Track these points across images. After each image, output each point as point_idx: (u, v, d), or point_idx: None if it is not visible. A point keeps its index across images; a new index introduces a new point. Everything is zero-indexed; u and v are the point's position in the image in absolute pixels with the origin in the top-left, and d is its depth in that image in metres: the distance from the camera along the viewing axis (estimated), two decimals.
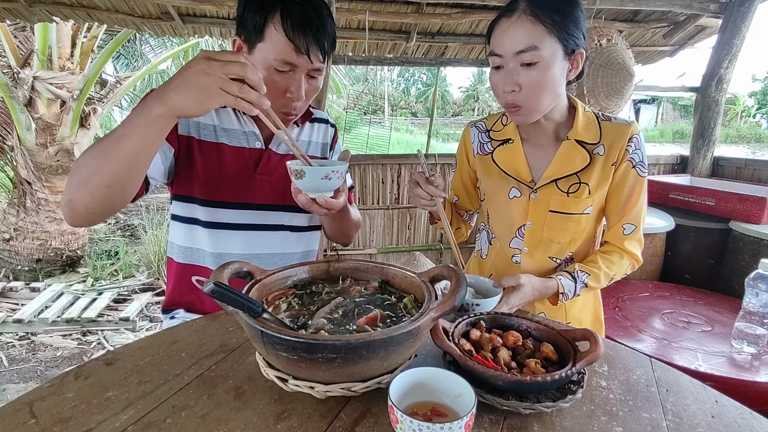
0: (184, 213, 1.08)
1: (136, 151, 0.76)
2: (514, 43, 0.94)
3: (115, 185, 0.79)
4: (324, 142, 1.23)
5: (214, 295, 0.61)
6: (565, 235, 1.11)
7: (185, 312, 1.12)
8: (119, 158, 0.76)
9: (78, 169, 0.80)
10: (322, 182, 0.92)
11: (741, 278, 1.69)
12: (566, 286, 1.04)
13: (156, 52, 7.37)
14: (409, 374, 0.62)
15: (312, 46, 0.94)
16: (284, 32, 0.91)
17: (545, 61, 0.93)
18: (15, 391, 2.25)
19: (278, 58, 0.93)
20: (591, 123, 1.09)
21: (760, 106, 30.84)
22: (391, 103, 39.61)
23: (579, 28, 0.96)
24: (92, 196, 0.79)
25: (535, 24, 0.92)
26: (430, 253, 3.37)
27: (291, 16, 0.91)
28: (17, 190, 3.82)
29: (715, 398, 0.73)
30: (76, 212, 0.82)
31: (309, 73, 0.98)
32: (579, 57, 0.98)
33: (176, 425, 0.60)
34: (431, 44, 3.28)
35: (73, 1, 2.55)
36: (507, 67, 0.97)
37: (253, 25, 0.93)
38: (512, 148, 1.14)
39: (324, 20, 0.95)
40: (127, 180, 0.80)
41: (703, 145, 3.18)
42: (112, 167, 0.77)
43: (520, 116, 1.02)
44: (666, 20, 3.14)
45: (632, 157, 1.06)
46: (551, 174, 1.08)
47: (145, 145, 0.77)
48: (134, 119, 0.75)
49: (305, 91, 0.99)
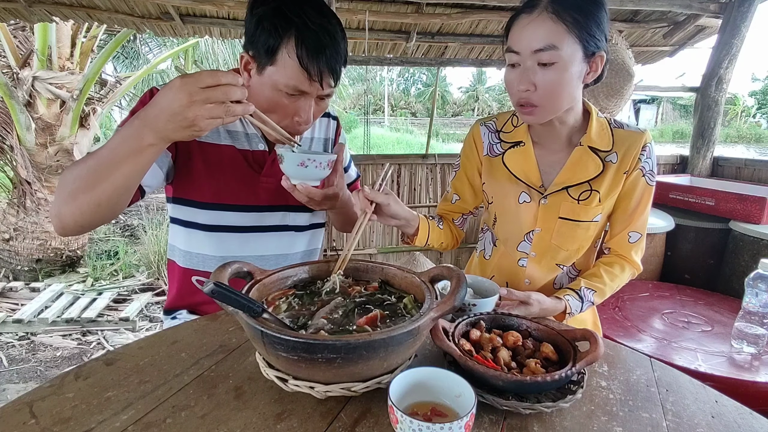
0: (184, 216, 1.07)
1: (127, 176, 0.77)
2: (532, 41, 0.91)
3: (106, 203, 0.79)
4: (327, 137, 1.22)
5: (214, 295, 0.61)
6: (574, 242, 1.10)
7: (187, 313, 1.12)
8: (109, 181, 0.76)
9: (66, 184, 0.80)
10: (299, 169, 0.92)
11: (741, 278, 1.69)
12: (573, 307, 1.03)
13: (155, 52, 7.36)
14: (409, 374, 0.62)
15: (325, 73, 0.90)
16: (298, 60, 0.87)
17: (563, 62, 0.90)
18: (15, 391, 2.25)
19: (289, 84, 0.89)
20: (604, 129, 1.07)
21: (760, 106, 30.85)
22: (391, 103, 39.62)
23: (601, 30, 0.93)
24: (81, 212, 0.80)
25: (556, 22, 0.89)
26: (430, 253, 3.37)
27: (306, 44, 0.87)
28: (17, 190, 3.82)
29: (715, 398, 0.73)
30: (65, 224, 0.83)
31: (319, 96, 0.96)
32: (599, 60, 0.95)
33: (176, 425, 0.60)
34: (431, 44, 3.28)
35: (73, 1, 2.55)
36: (523, 65, 0.94)
37: (265, 48, 0.88)
38: (523, 151, 1.11)
39: (338, 45, 0.91)
40: (117, 198, 0.80)
41: (702, 145, 3.18)
42: (102, 188, 0.77)
43: (532, 116, 0.99)
44: (666, 20, 3.15)
45: (643, 166, 1.05)
46: (563, 181, 1.06)
47: (137, 170, 0.77)
48: (124, 146, 0.74)
49: (313, 114, 0.97)
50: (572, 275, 1.15)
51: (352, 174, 1.31)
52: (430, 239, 1.15)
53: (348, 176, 1.29)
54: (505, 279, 1.18)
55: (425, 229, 1.13)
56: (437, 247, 1.20)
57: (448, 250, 1.27)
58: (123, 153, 0.74)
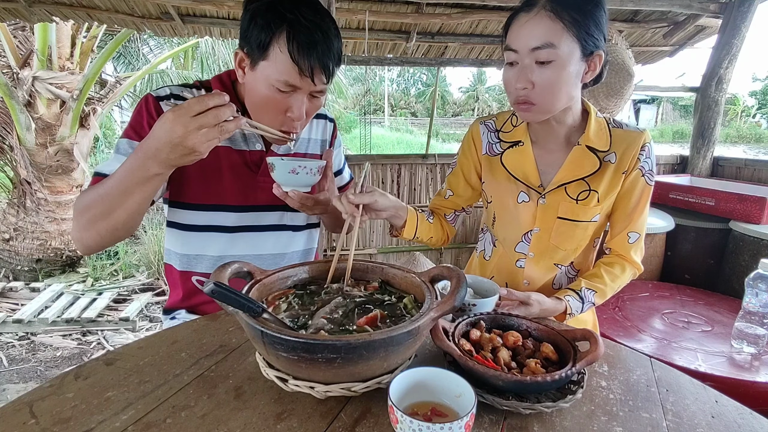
0: (181, 219, 1.06)
1: (139, 203, 0.85)
2: (530, 39, 0.91)
3: (122, 227, 0.88)
4: (323, 139, 1.23)
5: (214, 295, 0.61)
6: (572, 242, 1.10)
7: (186, 313, 1.12)
8: (123, 207, 0.84)
9: (82, 212, 0.87)
10: (290, 176, 0.94)
11: (741, 278, 1.69)
12: (574, 308, 1.03)
13: (155, 52, 7.36)
14: (409, 374, 0.62)
15: (317, 69, 0.91)
16: (289, 55, 0.88)
17: (561, 60, 0.91)
18: (15, 391, 2.25)
19: (281, 79, 0.90)
20: (602, 129, 1.07)
21: (760, 106, 30.85)
22: (391, 103, 39.64)
23: (600, 29, 0.93)
24: (101, 236, 0.88)
25: (554, 21, 0.89)
26: (430, 253, 3.37)
27: (297, 40, 0.88)
28: (17, 190, 3.82)
29: (715, 398, 0.73)
30: (87, 247, 0.91)
31: (312, 93, 0.96)
32: (597, 59, 0.96)
33: (176, 425, 0.60)
34: (431, 44, 3.28)
35: (73, 1, 2.55)
36: (521, 63, 0.94)
37: (257, 43, 0.89)
38: (522, 151, 1.11)
39: (331, 42, 0.92)
40: (132, 221, 0.88)
41: (703, 145, 3.18)
42: (116, 215, 0.85)
43: (529, 114, 0.99)
44: (666, 20, 3.15)
45: (642, 166, 1.05)
46: (560, 179, 1.07)
47: (147, 197, 0.85)
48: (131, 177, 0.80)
49: (306, 110, 0.97)
50: (571, 275, 1.15)
51: (345, 176, 1.33)
52: (419, 231, 1.14)
53: (341, 179, 1.31)
54: (505, 280, 1.18)
55: (413, 221, 1.12)
56: (426, 240, 1.19)
57: (438, 246, 1.27)
58: (132, 183, 0.81)
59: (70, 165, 3.83)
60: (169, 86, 1.03)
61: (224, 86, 1.05)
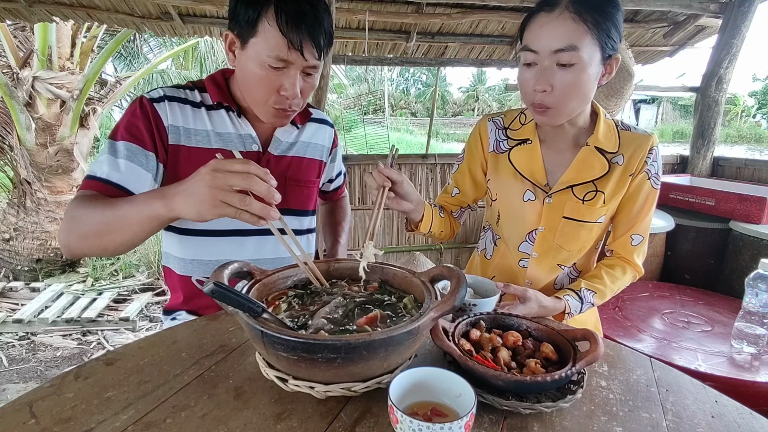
0: (179, 223, 1.05)
1: (135, 234, 0.83)
2: (552, 41, 0.89)
3: (113, 250, 0.87)
4: (324, 145, 1.23)
5: (214, 295, 0.61)
6: (576, 242, 1.10)
7: (187, 314, 1.12)
8: (118, 233, 0.83)
9: (76, 222, 0.85)
10: None
11: (741, 278, 1.69)
12: (573, 307, 1.03)
13: (155, 52, 7.36)
14: (409, 374, 0.62)
15: (306, 42, 0.90)
16: (278, 27, 0.87)
17: (582, 63, 0.89)
18: (15, 391, 2.24)
19: (271, 54, 0.89)
20: (611, 131, 1.06)
21: (760, 106, 30.83)
22: (391, 103, 39.60)
23: (618, 31, 0.92)
24: (90, 251, 0.88)
25: (577, 23, 0.87)
26: (430, 253, 3.37)
27: (285, 11, 0.87)
28: (17, 190, 3.82)
29: (715, 398, 0.73)
30: (73, 254, 0.90)
31: (304, 70, 0.95)
32: (614, 62, 0.95)
33: (176, 425, 0.60)
34: (431, 44, 3.28)
35: (73, 1, 2.55)
36: (541, 65, 0.92)
37: (245, 20, 0.89)
38: (530, 149, 1.11)
39: (320, 16, 0.91)
40: (123, 249, 0.87)
41: (703, 145, 3.18)
42: (110, 238, 0.84)
43: (546, 117, 0.98)
44: (666, 20, 3.15)
45: (649, 169, 1.05)
46: (567, 180, 1.06)
47: (144, 231, 0.83)
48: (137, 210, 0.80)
49: (301, 89, 0.96)
50: (573, 276, 1.15)
51: (341, 179, 1.39)
52: (433, 226, 1.15)
53: (338, 182, 1.38)
54: (506, 279, 1.18)
55: (429, 215, 1.12)
56: (437, 234, 1.20)
57: (445, 240, 1.28)
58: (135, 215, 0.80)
59: (70, 165, 3.83)
60: (162, 87, 1.03)
61: (218, 85, 1.04)
